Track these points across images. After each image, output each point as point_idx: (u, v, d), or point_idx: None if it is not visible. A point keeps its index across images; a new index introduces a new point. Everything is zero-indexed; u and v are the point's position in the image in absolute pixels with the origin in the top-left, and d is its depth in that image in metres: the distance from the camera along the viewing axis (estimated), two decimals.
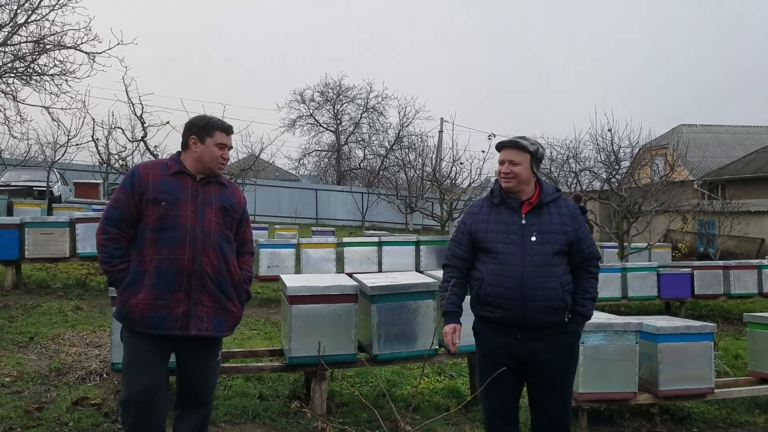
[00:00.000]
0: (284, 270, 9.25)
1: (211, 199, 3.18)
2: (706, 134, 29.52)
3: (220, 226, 3.17)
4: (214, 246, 3.11)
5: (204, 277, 3.07)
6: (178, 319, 3.02)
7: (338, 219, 26.34)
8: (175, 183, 3.13)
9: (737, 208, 17.97)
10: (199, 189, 3.17)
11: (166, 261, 3.02)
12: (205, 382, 3.25)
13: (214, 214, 3.16)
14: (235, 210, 3.28)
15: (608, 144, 14.55)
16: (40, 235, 8.79)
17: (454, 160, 18.88)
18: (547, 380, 3.20)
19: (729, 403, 5.42)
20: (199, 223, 3.09)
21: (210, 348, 3.22)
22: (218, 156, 3.20)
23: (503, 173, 3.24)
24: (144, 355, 3.06)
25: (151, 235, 3.05)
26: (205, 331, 3.08)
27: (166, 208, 3.06)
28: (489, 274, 3.18)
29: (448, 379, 5.79)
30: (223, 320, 3.16)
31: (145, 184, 3.09)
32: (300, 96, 34.39)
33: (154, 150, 12.60)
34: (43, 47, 13.54)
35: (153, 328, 3.01)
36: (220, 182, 3.28)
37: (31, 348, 5.93)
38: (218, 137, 3.20)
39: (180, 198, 3.10)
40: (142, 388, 3.03)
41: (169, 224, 3.05)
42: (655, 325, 4.85)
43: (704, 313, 10.94)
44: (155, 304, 3.00)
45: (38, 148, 17.64)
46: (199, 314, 3.06)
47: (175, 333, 3.03)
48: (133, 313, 3.02)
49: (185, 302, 3.04)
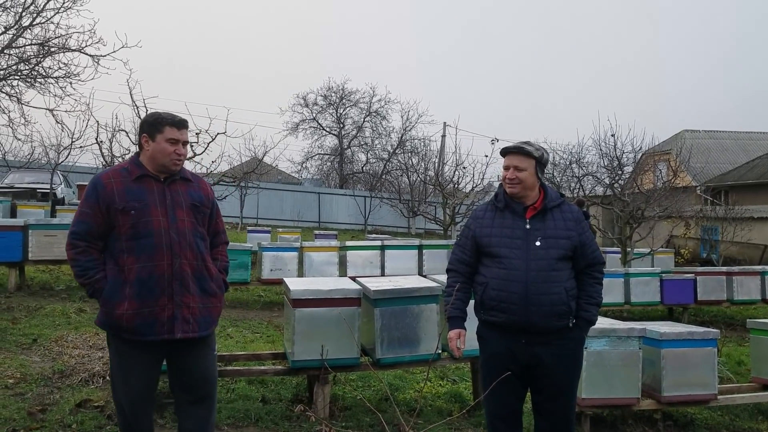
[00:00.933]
0: (287, 273, 9.25)
1: (180, 199, 3.14)
2: (709, 140, 29.48)
3: (193, 225, 3.14)
4: (191, 246, 3.09)
5: (185, 279, 3.06)
6: (165, 323, 3.02)
7: (341, 223, 26.36)
8: (140, 188, 3.08)
9: (740, 214, 17.96)
10: (165, 190, 3.12)
11: (145, 269, 2.99)
12: (204, 375, 3.23)
13: (186, 213, 3.13)
14: (204, 205, 3.24)
15: (611, 149, 14.54)
16: (44, 237, 8.80)
17: (457, 164, 18.85)
18: (551, 385, 3.19)
19: (732, 409, 5.41)
20: (172, 226, 3.06)
21: (202, 345, 3.20)
22: (170, 152, 3.10)
23: (508, 179, 3.23)
24: (132, 360, 3.07)
25: (126, 244, 3.02)
26: (191, 332, 3.07)
27: (137, 216, 3.02)
28: (493, 279, 3.18)
29: (450, 383, 5.79)
30: (208, 317, 3.16)
31: (110, 195, 3.03)
32: (303, 100, 34.53)
33: None
34: (47, 50, 13.57)
35: (141, 335, 3.01)
36: (184, 178, 3.22)
37: (34, 350, 5.94)
38: (168, 132, 3.10)
39: (148, 203, 3.05)
40: (131, 392, 3.06)
41: (142, 232, 3.01)
42: (658, 330, 4.84)
43: (707, 319, 10.92)
44: (141, 312, 2.99)
45: (42, 151, 17.67)
46: (185, 316, 3.05)
47: (162, 338, 3.03)
48: (119, 322, 3.00)
49: (170, 306, 3.02)
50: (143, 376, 3.10)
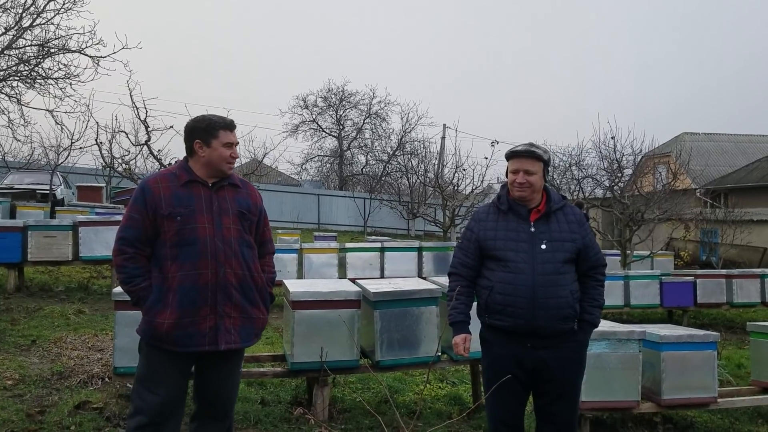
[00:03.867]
0: (286, 275, 9.23)
1: (227, 206, 3.05)
2: (708, 142, 29.50)
3: (239, 233, 3.05)
4: (236, 254, 3.00)
5: (228, 288, 2.97)
6: (206, 334, 2.93)
7: (340, 224, 26.34)
8: (188, 194, 3.01)
9: (740, 217, 17.96)
10: (213, 196, 3.04)
11: (189, 277, 2.91)
12: (227, 393, 3.15)
13: (232, 221, 3.04)
14: (252, 212, 3.15)
15: (611, 152, 14.54)
16: (43, 238, 8.79)
17: (457, 166, 18.83)
18: (555, 389, 3.18)
19: (732, 412, 5.40)
20: (218, 234, 2.98)
21: (234, 359, 3.13)
22: (227, 156, 3.06)
23: (518, 183, 3.17)
24: (162, 370, 2.97)
25: (170, 251, 2.94)
26: (234, 343, 2.99)
27: (183, 222, 2.95)
28: (499, 283, 3.14)
29: (450, 386, 5.78)
30: (251, 329, 3.08)
31: (157, 200, 2.96)
32: (303, 101, 34.51)
33: (157, 154, 12.61)
34: (47, 51, 13.58)
35: (182, 347, 2.92)
36: (233, 184, 3.13)
37: (33, 351, 5.93)
38: (223, 137, 3.05)
39: (195, 209, 2.98)
40: (156, 402, 2.93)
41: (187, 239, 2.93)
42: (658, 333, 4.83)
43: (707, 322, 10.92)
44: (182, 322, 2.90)
45: (41, 152, 17.70)
46: (227, 327, 2.97)
47: (204, 349, 2.94)
48: (159, 331, 2.92)
49: (212, 317, 2.94)
50: (170, 385, 2.98)
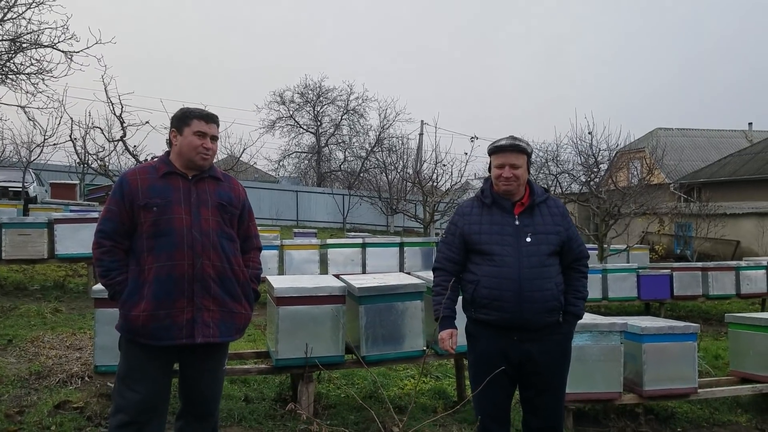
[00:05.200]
0: (267, 271, 9.15)
1: (206, 197, 3.02)
2: (682, 138, 29.97)
3: (218, 225, 3.01)
4: (215, 246, 2.96)
5: (207, 281, 2.93)
6: (183, 327, 2.88)
7: (319, 221, 26.23)
8: (166, 185, 2.97)
9: (713, 211, 18.25)
10: (191, 188, 3.01)
11: (164, 268, 2.87)
12: (211, 392, 3.10)
13: (211, 212, 3.00)
14: (233, 205, 3.11)
15: (587, 147, 14.67)
16: (18, 236, 8.62)
17: (436, 162, 18.85)
18: (542, 381, 3.20)
19: (712, 402, 5.48)
20: (195, 225, 2.93)
21: (216, 356, 3.09)
22: (198, 145, 2.99)
23: (504, 178, 3.17)
24: (141, 367, 2.92)
25: (147, 243, 2.91)
26: (212, 337, 2.94)
27: (158, 213, 2.91)
28: (485, 276, 3.14)
29: (434, 380, 5.79)
30: (231, 323, 3.03)
31: (134, 191, 2.93)
32: (280, 97, 34.22)
33: (133, 150, 12.43)
34: (19, 46, 13.28)
35: (157, 339, 2.87)
36: (214, 177, 3.10)
37: (9, 351, 5.80)
38: (196, 125, 3.00)
39: (172, 200, 2.94)
40: (137, 400, 2.89)
41: (163, 230, 2.90)
42: (639, 325, 4.89)
43: (683, 314, 11.08)
44: (157, 314, 2.85)
45: (13, 148, 17.35)
46: (205, 320, 2.92)
47: (181, 342, 2.89)
48: (135, 324, 2.87)
49: (189, 309, 2.89)
50: (152, 382, 2.93)
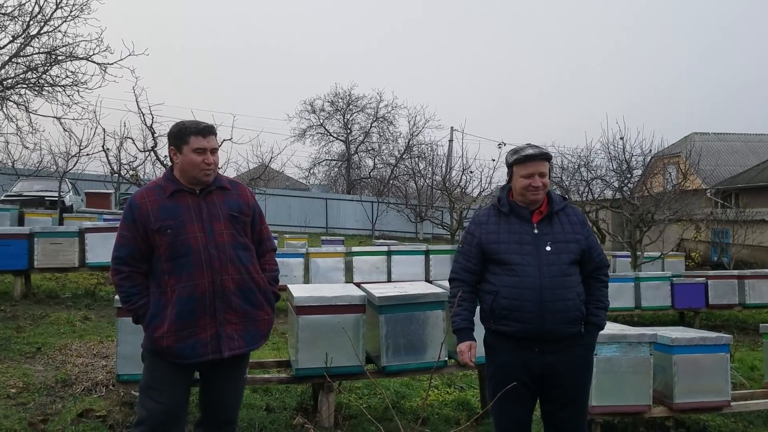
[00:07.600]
0: (293, 280, 9.19)
1: (217, 211, 3.00)
2: (718, 142, 29.24)
3: (232, 237, 3.00)
4: (232, 260, 2.96)
5: (228, 295, 2.93)
6: (208, 343, 2.90)
7: (348, 228, 26.30)
8: (175, 204, 2.96)
9: (751, 217, 17.75)
10: (201, 203, 2.99)
11: (186, 289, 2.88)
12: (232, 400, 3.11)
13: (224, 225, 2.99)
14: (244, 213, 3.08)
15: (620, 152, 14.42)
16: (50, 245, 8.78)
17: (464, 168, 18.78)
18: (564, 394, 3.10)
19: (746, 416, 5.30)
20: (210, 241, 2.93)
21: (239, 365, 3.09)
22: (199, 163, 2.94)
23: (534, 187, 3.09)
24: (165, 378, 2.94)
25: (165, 265, 2.91)
26: (238, 349, 2.96)
27: (173, 234, 2.90)
28: (504, 287, 3.06)
29: (458, 391, 5.70)
30: (255, 331, 3.04)
31: (145, 215, 2.92)
32: (310, 106, 34.52)
33: (164, 160, 12.61)
34: (55, 58, 13.66)
35: (185, 358, 2.89)
36: (221, 187, 3.07)
37: (38, 359, 5.90)
38: (194, 142, 2.94)
39: (184, 220, 2.93)
40: (160, 411, 2.90)
41: (180, 251, 2.89)
42: (669, 336, 4.74)
43: (719, 324, 10.78)
44: (180, 334, 2.87)
45: (50, 159, 17.75)
46: (229, 333, 2.93)
47: (208, 359, 2.90)
48: (160, 345, 2.89)
49: (212, 325, 2.91)
50: (174, 393, 2.95)
